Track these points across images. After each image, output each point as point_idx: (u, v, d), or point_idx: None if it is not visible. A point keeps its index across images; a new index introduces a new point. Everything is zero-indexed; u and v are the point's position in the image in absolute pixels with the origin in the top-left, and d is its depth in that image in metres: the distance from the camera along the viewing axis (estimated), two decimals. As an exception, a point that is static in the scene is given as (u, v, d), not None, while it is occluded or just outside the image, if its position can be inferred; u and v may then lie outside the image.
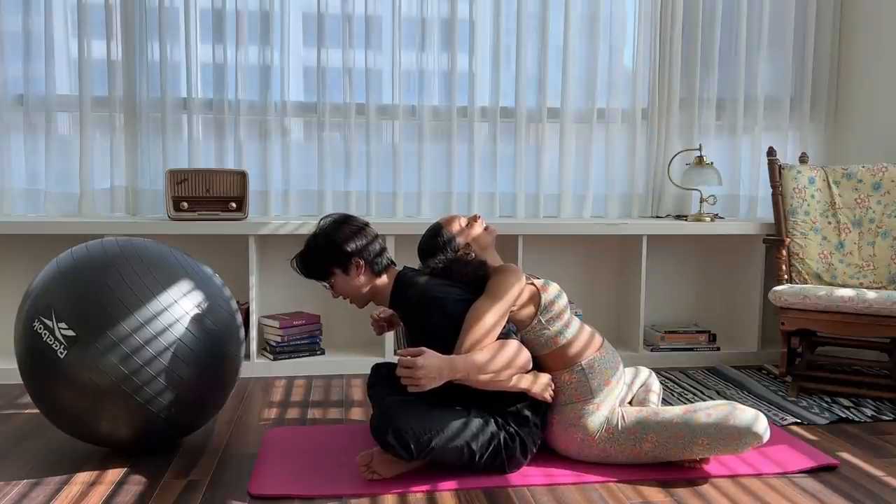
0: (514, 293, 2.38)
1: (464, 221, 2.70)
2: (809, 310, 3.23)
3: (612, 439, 2.42)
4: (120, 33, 3.66)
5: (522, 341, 2.41)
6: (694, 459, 2.42)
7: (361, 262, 2.44)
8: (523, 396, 2.38)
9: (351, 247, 2.43)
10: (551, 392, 2.42)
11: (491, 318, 2.30)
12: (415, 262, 3.74)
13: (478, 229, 2.68)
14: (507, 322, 2.40)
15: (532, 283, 2.50)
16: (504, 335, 2.34)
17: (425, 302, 2.37)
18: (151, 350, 2.27)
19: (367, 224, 2.51)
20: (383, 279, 2.49)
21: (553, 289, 2.53)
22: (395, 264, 2.54)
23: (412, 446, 2.20)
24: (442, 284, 2.43)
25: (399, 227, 3.59)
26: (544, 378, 2.41)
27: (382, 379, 2.70)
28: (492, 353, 2.26)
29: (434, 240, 2.64)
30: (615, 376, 2.50)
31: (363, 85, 3.82)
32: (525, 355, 2.33)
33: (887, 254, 3.48)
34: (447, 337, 2.29)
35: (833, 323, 3.19)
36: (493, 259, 2.67)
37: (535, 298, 2.47)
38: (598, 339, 2.54)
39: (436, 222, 2.71)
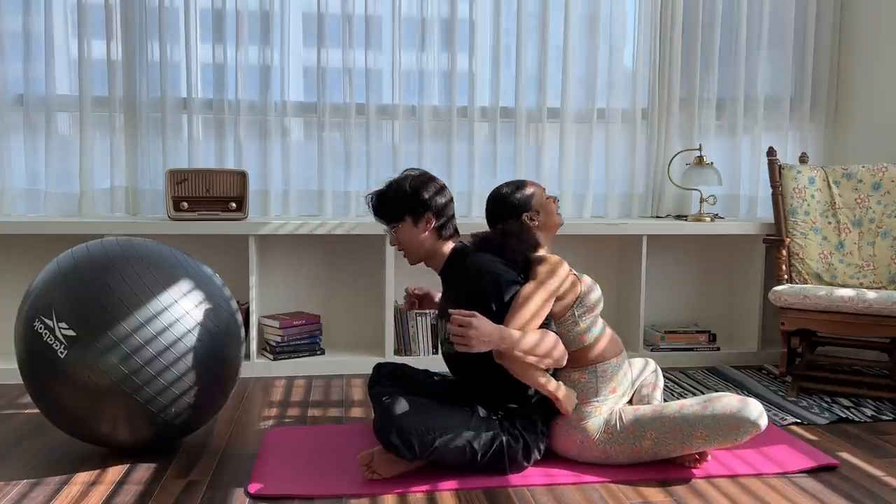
0: (559, 283, 2.41)
1: (545, 195, 2.72)
2: (809, 310, 3.23)
3: (611, 440, 2.42)
4: (120, 33, 3.66)
5: None
6: (694, 456, 2.42)
7: (433, 219, 2.47)
8: (530, 401, 2.38)
9: (430, 200, 2.47)
10: (571, 409, 2.43)
11: (538, 301, 2.34)
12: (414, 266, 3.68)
13: (553, 207, 2.70)
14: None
15: (573, 273, 2.53)
16: (545, 325, 2.37)
17: (482, 273, 2.39)
18: (151, 350, 2.27)
19: (446, 186, 2.56)
20: (445, 245, 2.52)
21: (587, 279, 2.55)
22: (458, 235, 2.57)
23: (416, 446, 2.20)
24: (498, 262, 2.44)
25: (399, 227, 3.59)
26: (573, 395, 2.42)
27: (384, 379, 2.70)
28: (536, 338, 2.28)
29: (514, 193, 2.66)
30: (623, 385, 2.51)
31: (363, 85, 3.82)
32: (561, 348, 2.35)
33: (887, 254, 3.48)
34: (493, 314, 2.31)
35: (833, 323, 3.19)
36: (548, 246, 2.67)
37: (575, 288, 2.49)
38: (618, 345, 2.56)
39: (520, 179, 2.73)
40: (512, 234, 2.51)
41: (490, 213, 2.71)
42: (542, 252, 2.56)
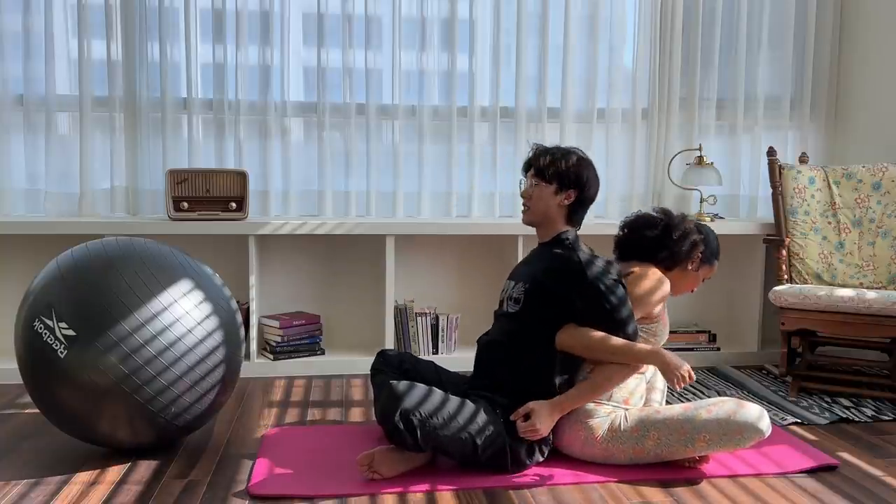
0: (660, 298, 2.59)
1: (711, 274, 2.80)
2: (809, 310, 3.23)
3: (614, 439, 2.42)
4: (120, 33, 3.66)
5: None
6: (694, 458, 2.42)
7: (573, 197, 2.54)
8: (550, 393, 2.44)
9: (586, 182, 2.54)
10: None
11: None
12: (409, 262, 3.72)
13: (697, 284, 2.77)
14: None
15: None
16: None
17: (584, 272, 2.45)
18: (151, 350, 2.27)
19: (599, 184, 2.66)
20: (563, 225, 2.57)
21: (666, 316, 2.66)
22: (579, 227, 2.64)
23: (418, 431, 2.20)
24: (605, 265, 2.52)
25: (399, 227, 3.59)
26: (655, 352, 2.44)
27: (389, 368, 2.69)
28: (592, 386, 2.44)
29: (714, 242, 2.75)
30: (634, 398, 2.51)
31: (363, 85, 3.82)
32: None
33: (887, 254, 3.48)
34: (568, 309, 2.44)
35: (833, 323, 3.19)
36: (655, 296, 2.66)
37: (662, 317, 2.63)
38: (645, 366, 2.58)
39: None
40: (688, 242, 2.63)
41: (672, 229, 2.67)
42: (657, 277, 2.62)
